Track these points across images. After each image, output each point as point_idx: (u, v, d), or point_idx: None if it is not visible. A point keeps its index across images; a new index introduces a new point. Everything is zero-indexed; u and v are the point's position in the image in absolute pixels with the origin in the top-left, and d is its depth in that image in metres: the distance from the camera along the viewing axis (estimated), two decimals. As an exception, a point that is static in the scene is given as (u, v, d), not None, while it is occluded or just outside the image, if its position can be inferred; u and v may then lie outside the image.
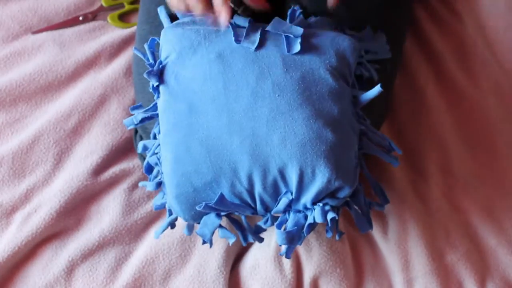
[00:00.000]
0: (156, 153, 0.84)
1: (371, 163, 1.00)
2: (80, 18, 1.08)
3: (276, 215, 0.81)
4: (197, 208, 0.79)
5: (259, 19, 0.93)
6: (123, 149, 0.99)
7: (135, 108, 0.85)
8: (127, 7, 1.11)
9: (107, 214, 0.96)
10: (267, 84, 0.78)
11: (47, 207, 0.94)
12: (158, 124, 0.83)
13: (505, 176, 1.02)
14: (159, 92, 0.82)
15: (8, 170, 0.97)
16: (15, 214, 0.95)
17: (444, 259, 0.96)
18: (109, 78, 1.02)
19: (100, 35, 1.06)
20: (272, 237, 0.95)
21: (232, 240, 0.83)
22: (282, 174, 0.78)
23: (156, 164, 0.84)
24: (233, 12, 0.90)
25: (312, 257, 0.94)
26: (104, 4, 1.10)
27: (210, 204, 0.78)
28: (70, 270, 0.93)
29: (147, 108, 0.84)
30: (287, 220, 0.80)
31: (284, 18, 0.92)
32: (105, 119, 1.00)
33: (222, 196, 0.78)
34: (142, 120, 0.84)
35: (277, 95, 0.77)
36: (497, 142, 1.04)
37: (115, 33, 1.06)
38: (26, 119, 1.00)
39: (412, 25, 1.09)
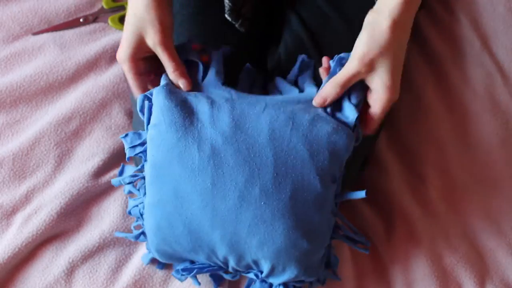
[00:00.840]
0: (138, 206, 0.86)
1: (370, 163, 1.00)
2: (81, 20, 1.08)
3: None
4: (173, 273, 0.88)
5: (256, 34, 0.93)
6: (124, 152, 0.99)
7: (125, 136, 0.85)
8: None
9: (107, 216, 0.96)
10: (255, 189, 0.78)
11: (47, 208, 0.94)
12: (144, 183, 0.84)
13: (503, 178, 1.02)
14: (146, 156, 0.82)
15: (9, 171, 0.97)
16: (16, 215, 0.95)
17: (443, 261, 0.96)
18: (110, 81, 1.02)
19: (101, 37, 1.06)
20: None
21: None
22: (255, 263, 0.82)
23: (139, 217, 0.87)
24: (230, 26, 0.90)
25: (312, 259, 0.95)
26: (105, 6, 1.10)
27: (187, 270, 0.85)
28: (70, 271, 0.93)
29: (134, 174, 0.85)
30: (253, 282, 0.86)
31: (282, 29, 0.93)
32: (106, 122, 1.00)
33: (198, 269, 0.85)
34: (130, 182, 0.88)
35: (262, 203, 0.78)
36: (496, 144, 1.04)
37: (115, 35, 1.06)
38: (27, 120, 1.00)
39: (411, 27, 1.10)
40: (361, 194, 0.81)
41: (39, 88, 1.02)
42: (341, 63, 0.81)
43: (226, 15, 0.89)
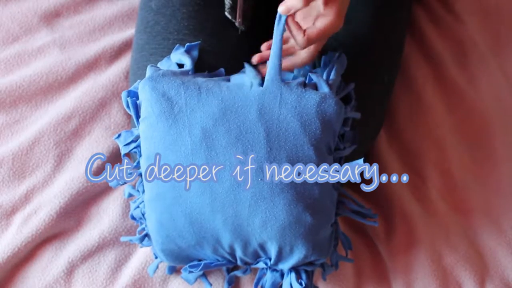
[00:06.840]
0: (139, 207, 0.86)
1: (370, 162, 1.00)
2: (81, 20, 1.08)
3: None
4: (182, 276, 0.88)
5: (256, 32, 0.93)
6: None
7: (118, 136, 0.86)
8: (127, 8, 1.11)
9: (107, 215, 0.96)
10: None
11: (47, 208, 0.94)
12: (141, 181, 0.85)
13: (503, 177, 1.02)
14: (141, 152, 0.82)
15: (8, 171, 0.97)
16: (15, 215, 0.95)
17: (443, 261, 0.96)
18: (109, 81, 1.02)
19: (100, 37, 1.06)
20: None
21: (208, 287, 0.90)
22: (262, 247, 0.81)
23: (141, 218, 0.87)
24: (230, 24, 0.90)
25: (312, 259, 0.95)
26: (104, 6, 1.10)
27: (195, 266, 0.84)
28: (70, 271, 0.93)
29: (131, 171, 0.85)
30: (264, 274, 0.85)
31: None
32: (106, 122, 1.00)
33: (205, 264, 0.83)
34: (130, 195, 0.90)
35: (259, 179, 0.78)
36: (496, 144, 1.04)
37: (115, 35, 1.06)
38: (26, 120, 1.00)
39: (411, 26, 1.10)
40: (359, 161, 0.81)
41: (39, 88, 1.02)
42: None
43: (226, 13, 0.89)
